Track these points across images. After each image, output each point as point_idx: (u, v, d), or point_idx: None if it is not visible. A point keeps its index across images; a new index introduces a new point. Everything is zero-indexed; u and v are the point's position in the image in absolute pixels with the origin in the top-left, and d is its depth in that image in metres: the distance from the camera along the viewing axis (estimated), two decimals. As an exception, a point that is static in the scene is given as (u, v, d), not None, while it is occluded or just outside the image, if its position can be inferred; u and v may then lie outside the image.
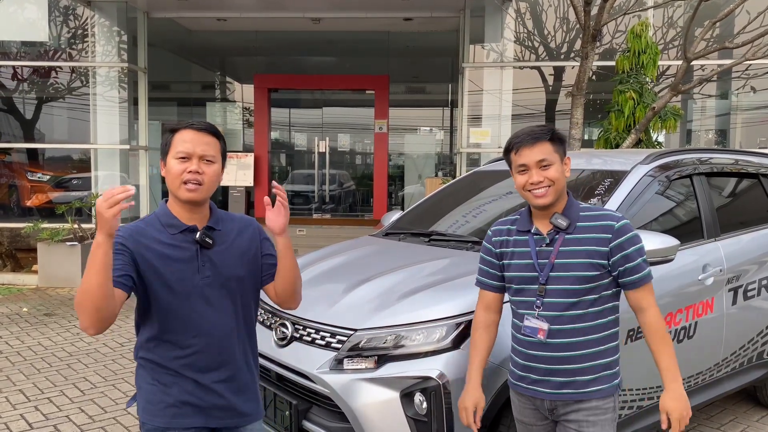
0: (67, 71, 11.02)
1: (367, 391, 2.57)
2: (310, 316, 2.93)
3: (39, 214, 10.22)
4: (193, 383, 1.99)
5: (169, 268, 1.94)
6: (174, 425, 1.99)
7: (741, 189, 4.25)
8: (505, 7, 9.92)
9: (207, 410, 2.01)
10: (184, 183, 1.94)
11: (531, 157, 2.12)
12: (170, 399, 1.99)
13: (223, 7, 10.29)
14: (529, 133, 2.14)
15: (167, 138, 2.00)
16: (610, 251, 2.09)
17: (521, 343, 2.21)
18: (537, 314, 2.14)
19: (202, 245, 1.99)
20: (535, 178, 2.12)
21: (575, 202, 2.21)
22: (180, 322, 1.97)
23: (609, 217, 2.15)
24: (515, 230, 2.25)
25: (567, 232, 2.13)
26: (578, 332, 2.11)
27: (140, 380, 2.05)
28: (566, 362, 2.12)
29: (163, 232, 1.98)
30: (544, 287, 2.13)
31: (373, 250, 3.75)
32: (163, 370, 2.00)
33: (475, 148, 10.03)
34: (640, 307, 2.14)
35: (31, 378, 4.87)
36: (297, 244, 9.36)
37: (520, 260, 2.20)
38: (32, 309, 7.04)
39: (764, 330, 3.82)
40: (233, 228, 2.10)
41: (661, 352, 2.10)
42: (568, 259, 2.11)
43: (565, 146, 2.21)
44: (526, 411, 2.25)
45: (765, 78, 10.30)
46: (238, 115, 13.92)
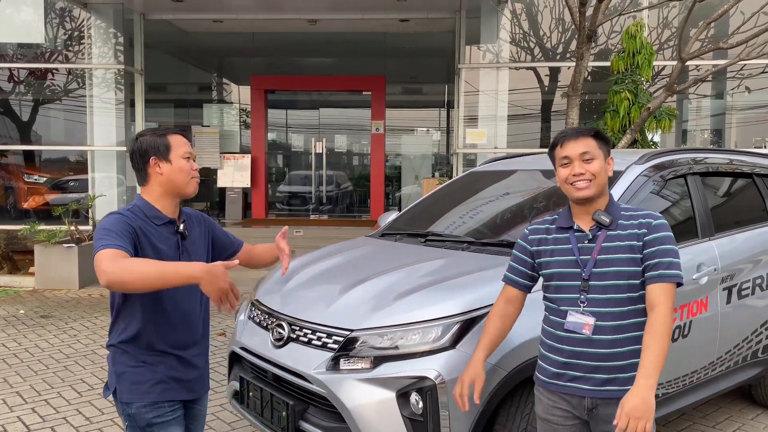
0: (63, 73, 11.02)
1: (364, 391, 2.58)
2: (306, 317, 2.94)
3: (36, 216, 10.21)
4: (177, 359, 2.24)
5: (158, 254, 2.16)
6: (162, 398, 2.20)
7: (735, 189, 4.27)
8: (501, 8, 9.94)
9: (188, 383, 2.29)
10: (193, 179, 2.24)
11: (575, 149, 2.19)
12: (159, 376, 2.20)
13: (219, 8, 10.29)
14: (576, 129, 2.25)
15: (160, 141, 2.21)
16: (644, 245, 2.13)
17: (562, 340, 2.20)
18: (582, 310, 2.16)
19: (182, 236, 2.26)
20: (577, 170, 2.17)
21: (616, 203, 2.26)
22: (168, 305, 2.20)
23: (649, 215, 2.19)
24: (554, 228, 2.28)
25: (609, 228, 2.17)
26: (622, 329, 2.13)
27: (121, 366, 2.21)
28: (610, 359, 2.13)
29: (149, 222, 2.19)
30: (588, 283, 2.15)
31: (369, 251, 3.76)
32: (149, 350, 2.19)
33: (472, 149, 10.05)
34: (653, 302, 2.07)
35: (28, 380, 4.88)
36: (294, 245, 9.31)
37: (561, 257, 2.23)
38: (29, 311, 7.04)
39: (759, 329, 3.84)
40: (193, 221, 2.37)
41: (650, 347, 2.02)
42: (611, 254, 2.14)
43: (609, 147, 2.26)
44: (555, 410, 2.23)
45: (759, 78, 10.34)
46: (235, 117, 13.91)
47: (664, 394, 3.29)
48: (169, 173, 2.20)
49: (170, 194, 2.23)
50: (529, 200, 3.89)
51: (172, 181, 2.21)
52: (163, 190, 2.21)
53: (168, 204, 2.23)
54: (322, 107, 13.68)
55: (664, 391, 3.28)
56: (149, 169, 2.20)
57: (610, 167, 2.23)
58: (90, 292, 8.05)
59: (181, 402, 2.28)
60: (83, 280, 8.23)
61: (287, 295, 3.23)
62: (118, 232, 2.05)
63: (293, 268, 3.58)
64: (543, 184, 4.02)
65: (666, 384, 3.29)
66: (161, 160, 2.19)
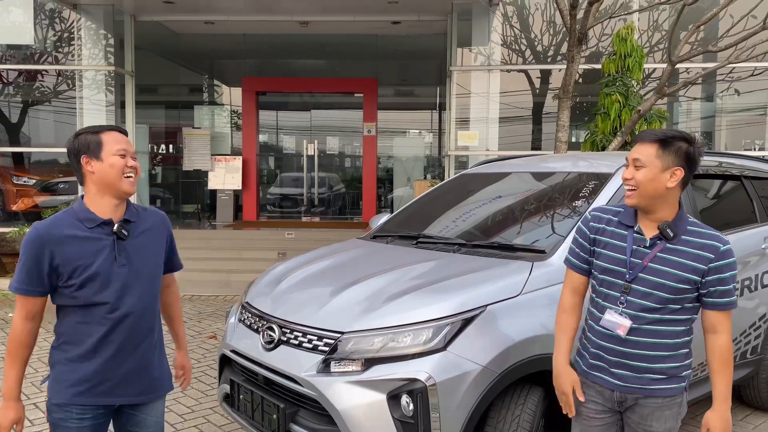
0: (53, 74, 10.95)
1: (354, 394, 2.58)
2: (297, 320, 2.93)
3: (25, 219, 10.14)
4: (104, 363, 2.16)
5: (87, 258, 2.11)
6: (72, 402, 2.15)
7: (724, 191, 4.30)
8: (492, 10, 9.97)
9: (117, 388, 2.19)
10: (126, 177, 2.15)
11: (633, 153, 2.17)
12: (75, 377, 2.15)
13: (210, 10, 10.27)
14: (648, 132, 2.17)
15: (92, 138, 2.15)
16: (708, 270, 2.12)
17: (597, 334, 2.24)
18: (620, 310, 2.18)
19: (118, 236, 2.17)
20: (625, 174, 2.18)
21: (686, 215, 2.22)
22: (98, 307, 2.14)
23: (716, 238, 2.16)
24: (616, 222, 2.27)
25: (670, 241, 2.16)
26: (654, 334, 2.17)
27: (52, 358, 2.23)
28: (640, 360, 2.17)
29: (79, 226, 2.14)
30: (630, 285, 2.17)
31: (360, 253, 3.76)
32: (77, 349, 2.15)
33: (464, 151, 10.07)
34: (715, 329, 2.17)
35: (27, 378, 4.83)
36: (286, 247, 9.34)
37: (613, 252, 2.23)
38: (18, 314, 6.99)
39: (747, 330, 3.87)
40: (146, 219, 2.29)
41: (720, 374, 2.16)
42: (663, 266, 2.14)
43: (682, 159, 2.12)
44: (589, 403, 2.28)
45: (749, 81, 10.42)
46: (226, 118, 13.87)
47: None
48: (100, 171, 2.13)
49: (105, 193, 2.16)
50: (520, 202, 3.90)
51: (103, 179, 2.14)
52: (97, 189, 2.16)
53: (105, 204, 2.16)
54: (313, 109, 13.67)
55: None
56: (82, 168, 2.15)
57: (674, 178, 2.11)
58: (80, 294, 8.00)
59: (100, 408, 2.19)
60: (73, 282, 8.17)
61: (278, 297, 3.22)
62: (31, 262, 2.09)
63: (285, 271, 3.58)
64: (534, 186, 4.03)
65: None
66: (92, 159, 2.13)
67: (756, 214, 4.21)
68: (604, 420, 2.28)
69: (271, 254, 8.92)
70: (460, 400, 2.53)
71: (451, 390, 2.52)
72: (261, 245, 9.59)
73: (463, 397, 2.53)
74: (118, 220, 2.19)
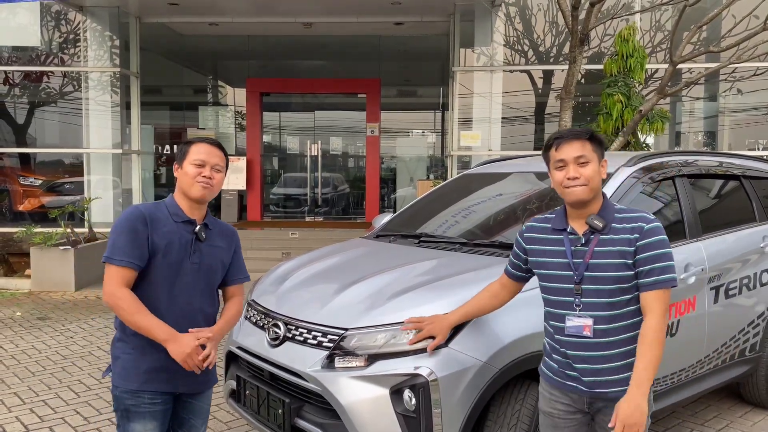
0: (59, 76, 11.04)
1: (358, 389, 2.63)
2: (302, 317, 2.99)
3: (31, 219, 10.23)
4: (165, 353, 2.32)
5: (170, 246, 2.37)
6: (144, 388, 2.35)
7: (723, 190, 4.34)
8: (495, 11, 10.02)
9: (179, 376, 2.37)
10: (197, 182, 2.40)
11: (570, 152, 2.20)
12: (145, 366, 2.36)
13: (214, 11, 10.34)
14: (570, 131, 2.24)
15: (184, 148, 2.46)
16: (636, 250, 2.13)
17: (564, 343, 2.25)
18: (578, 312, 2.20)
19: (197, 237, 2.43)
20: (572, 173, 2.18)
21: (610, 203, 2.26)
22: (164, 296, 2.37)
23: (641, 218, 2.18)
24: (550, 228, 2.31)
25: (602, 232, 2.18)
26: (615, 330, 2.17)
27: (116, 350, 2.42)
28: (605, 360, 2.18)
29: (169, 218, 2.41)
30: (580, 286, 2.19)
31: (363, 252, 3.82)
32: (140, 339, 2.34)
33: (466, 151, 10.11)
34: (646, 310, 2.13)
35: (26, 381, 4.91)
36: (290, 247, 9.41)
37: (554, 258, 2.26)
38: (26, 313, 7.06)
39: (746, 327, 3.91)
40: (219, 231, 2.56)
41: (643, 355, 2.08)
42: (603, 259, 2.17)
43: (603, 149, 2.26)
44: (558, 404, 2.29)
45: (751, 80, 10.44)
46: (230, 119, 13.96)
47: (653, 392, 3.35)
48: (180, 177, 2.45)
49: (183, 196, 2.45)
50: (522, 202, 3.95)
51: (180, 184, 2.45)
52: (178, 191, 2.47)
53: (187, 206, 2.44)
54: (317, 110, 13.73)
55: (653, 389, 3.34)
56: (174, 173, 2.48)
57: (604, 169, 2.25)
58: (86, 294, 8.08)
59: (166, 395, 2.41)
60: (79, 282, 8.26)
61: (283, 295, 3.28)
62: (126, 239, 2.31)
63: (289, 269, 3.63)
64: (536, 186, 4.08)
65: (654, 382, 3.35)
66: (179, 166, 2.46)
67: (755, 213, 4.26)
68: (576, 420, 2.27)
69: (275, 254, 8.98)
70: (461, 395, 2.58)
71: (453, 385, 2.58)
72: (265, 245, 9.66)
73: (464, 392, 2.59)
74: (200, 222, 2.46)
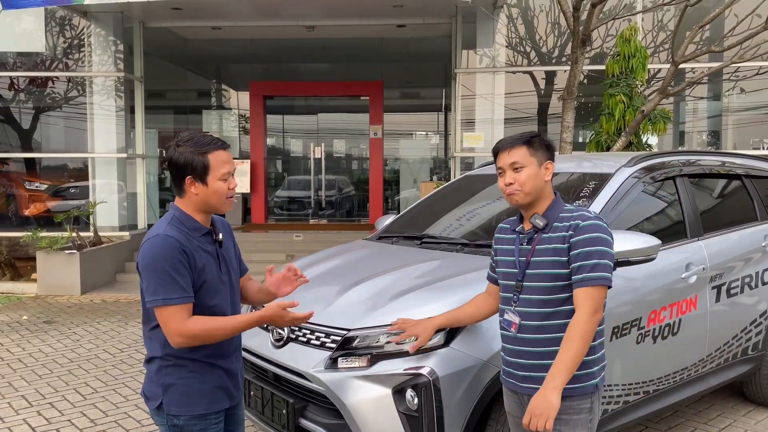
0: (63, 81, 11.09)
1: (361, 389, 2.66)
2: (305, 318, 3.02)
3: (37, 223, 10.29)
4: (222, 369, 2.23)
5: (207, 263, 2.17)
6: (210, 410, 2.20)
7: (724, 190, 4.36)
8: (496, 13, 10.04)
9: (230, 391, 2.28)
10: (229, 198, 2.19)
11: (505, 160, 2.26)
12: (207, 387, 2.19)
13: (217, 15, 10.39)
14: (507, 139, 2.29)
15: (201, 160, 2.12)
16: (570, 246, 2.14)
17: (503, 337, 2.34)
18: (513, 309, 2.26)
19: (219, 244, 2.26)
20: (507, 179, 2.24)
21: (560, 203, 2.28)
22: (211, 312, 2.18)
23: (580, 216, 2.19)
24: (509, 229, 2.38)
25: (544, 231, 2.23)
26: (549, 329, 2.18)
27: (169, 377, 2.17)
28: (537, 357, 2.20)
29: (192, 235, 2.16)
30: (521, 284, 2.24)
31: (366, 253, 3.85)
32: (196, 362, 2.17)
33: (469, 152, 10.14)
34: (576, 306, 2.11)
35: (33, 384, 4.95)
36: (294, 249, 9.44)
37: (506, 257, 2.34)
38: (32, 317, 7.11)
39: (748, 326, 3.92)
40: (221, 229, 2.33)
41: (562, 349, 2.08)
42: (542, 257, 2.21)
43: (547, 152, 2.27)
44: (513, 404, 2.35)
45: (754, 80, 10.44)
46: (234, 122, 14.02)
47: (655, 390, 3.37)
48: (204, 195, 2.14)
49: (203, 211, 2.19)
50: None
51: (206, 201, 2.16)
52: (197, 207, 2.18)
53: (203, 218, 2.20)
54: (320, 112, 13.78)
55: (654, 388, 3.36)
56: (185, 186, 2.14)
57: (548, 171, 2.25)
58: (92, 297, 8.13)
59: (224, 411, 2.27)
60: (85, 286, 8.31)
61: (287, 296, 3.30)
62: (177, 271, 2.06)
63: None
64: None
65: (657, 381, 3.37)
66: (197, 182, 2.13)
67: (757, 212, 4.26)
68: None
69: (279, 256, 9.02)
70: (463, 395, 2.61)
71: (455, 384, 2.60)
72: (269, 248, 9.69)
73: (466, 391, 2.61)
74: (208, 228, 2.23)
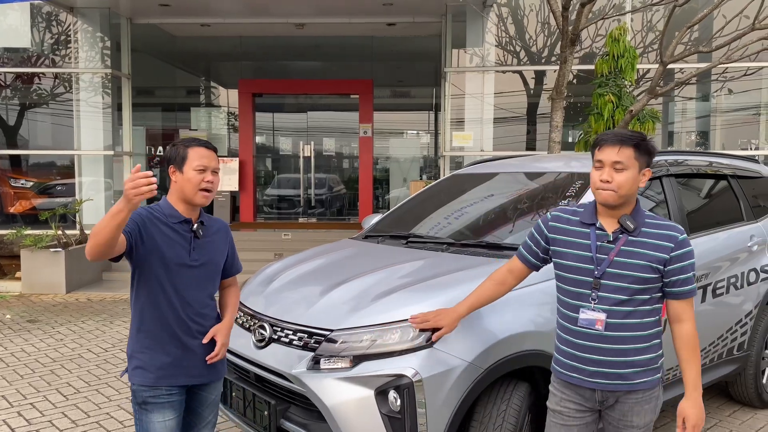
0: (50, 77, 10.99)
1: (343, 390, 2.62)
2: (287, 318, 2.98)
3: (22, 221, 10.18)
4: (178, 347, 2.45)
5: (168, 246, 2.42)
6: (159, 384, 2.43)
7: (711, 190, 4.35)
8: (486, 12, 10.03)
9: (190, 369, 2.48)
10: (201, 190, 2.43)
11: (609, 156, 2.21)
12: (158, 362, 2.43)
13: (206, 12, 10.32)
14: (617, 134, 2.24)
15: (182, 151, 2.45)
16: (670, 259, 2.19)
17: (576, 334, 2.29)
18: (593, 306, 2.24)
19: (195, 235, 2.49)
20: (605, 176, 2.21)
21: (642, 209, 2.30)
22: (168, 293, 2.42)
23: (673, 228, 2.24)
24: (576, 221, 2.34)
25: (631, 234, 2.23)
26: (628, 327, 2.22)
27: (130, 348, 2.49)
28: (618, 354, 2.23)
29: (164, 218, 2.45)
30: (599, 281, 2.23)
31: (351, 253, 3.81)
32: (151, 337, 2.43)
33: (459, 152, 10.12)
34: (679, 317, 2.23)
35: (14, 384, 4.88)
36: (282, 248, 9.39)
37: (578, 251, 2.29)
38: (15, 316, 7.03)
39: (734, 326, 3.92)
40: (213, 226, 2.62)
41: (689, 362, 2.22)
42: (628, 259, 2.21)
43: (649, 158, 2.25)
44: (568, 403, 2.32)
45: (742, 80, 10.48)
46: (223, 120, 13.92)
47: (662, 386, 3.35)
48: (181, 183, 2.44)
49: (181, 201, 2.47)
50: (510, 202, 3.95)
51: (182, 189, 2.45)
52: (178, 196, 2.47)
53: (184, 208, 2.47)
54: (310, 110, 13.71)
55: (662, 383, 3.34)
56: (170, 175, 2.47)
57: (645, 178, 2.25)
58: (77, 296, 8.05)
59: (180, 387, 2.48)
60: (70, 284, 8.23)
61: (269, 296, 3.27)
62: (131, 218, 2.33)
63: (276, 271, 3.63)
64: (525, 186, 4.08)
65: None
66: (176, 170, 2.45)
67: (743, 212, 4.27)
68: (584, 419, 2.31)
69: (267, 255, 8.96)
70: (446, 396, 2.58)
71: (438, 385, 2.57)
72: (258, 246, 9.63)
73: (449, 392, 2.58)
74: (195, 221, 2.50)
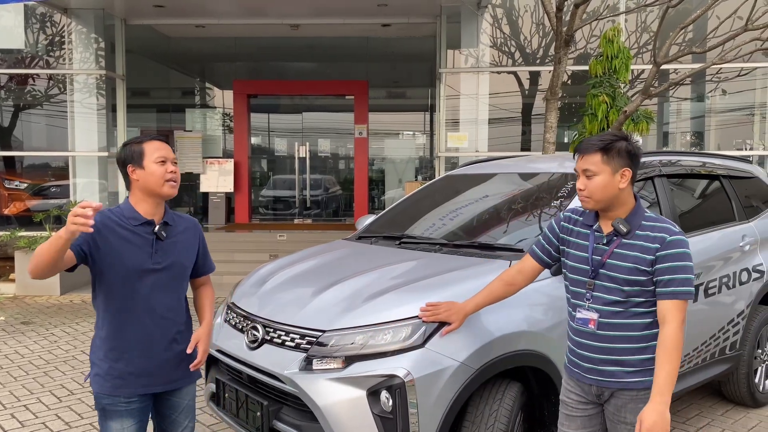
0: (44, 78, 10.96)
1: (335, 391, 2.63)
2: (280, 319, 2.98)
3: (17, 223, 10.15)
4: (139, 356, 2.38)
5: (127, 251, 2.35)
6: (116, 393, 2.38)
7: (703, 190, 4.37)
8: (481, 12, 10.05)
9: (152, 377, 2.42)
10: (167, 181, 2.37)
11: (579, 164, 2.30)
12: (116, 371, 2.38)
13: (201, 13, 10.30)
14: (585, 142, 2.29)
15: (136, 148, 2.40)
16: (655, 260, 2.19)
17: (575, 332, 2.37)
18: (587, 306, 2.30)
19: (157, 237, 2.40)
20: (579, 184, 2.29)
21: (642, 209, 2.31)
22: (129, 300, 2.37)
23: (666, 229, 2.22)
24: (581, 222, 2.40)
25: (624, 236, 2.25)
26: (620, 327, 2.26)
27: (92, 355, 2.45)
28: (609, 353, 2.27)
29: (125, 222, 2.38)
30: (593, 282, 2.29)
31: (344, 254, 3.81)
32: (109, 346, 2.38)
33: (454, 152, 10.13)
34: (663, 318, 2.18)
35: (8, 386, 4.87)
36: (277, 249, 9.37)
37: (578, 251, 2.36)
38: (9, 318, 7.00)
39: (726, 326, 3.93)
40: (179, 225, 2.52)
41: (661, 365, 2.13)
42: (619, 261, 2.24)
43: (626, 159, 2.24)
44: (571, 394, 2.41)
45: (736, 81, 10.52)
46: (218, 121, 13.90)
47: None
48: (143, 178, 2.38)
49: (148, 196, 2.40)
50: (503, 203, 3.96)
51: (145, 185, 2.38)
52: (141, 193, 2.41)
53: (149, 206, 2.40)
54: (305, 111, 13.70)
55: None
56: (129, 176, 2.40)
57: (624, 179, 2.24)
58: (71, 298, 8.03)
59: (142, 396, 2.42)
60: (64, 286, 8.20)
61: (262, 297, 3.27)
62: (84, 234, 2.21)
63: (269, 272, 3.62)
64: (518, 187, 4.09)
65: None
66: (136, 167, 2.39)
67: (735, 212, 4.28)
68: (587, 411, 2.38)
69: (262, 256, 8.94)
70: (438, 396, 2.59)
71: (429, 386, 2.58)
72: (253, 247, 9.62)
73: (441, 392, 2.59)
74: (158, 222, 2.42)
